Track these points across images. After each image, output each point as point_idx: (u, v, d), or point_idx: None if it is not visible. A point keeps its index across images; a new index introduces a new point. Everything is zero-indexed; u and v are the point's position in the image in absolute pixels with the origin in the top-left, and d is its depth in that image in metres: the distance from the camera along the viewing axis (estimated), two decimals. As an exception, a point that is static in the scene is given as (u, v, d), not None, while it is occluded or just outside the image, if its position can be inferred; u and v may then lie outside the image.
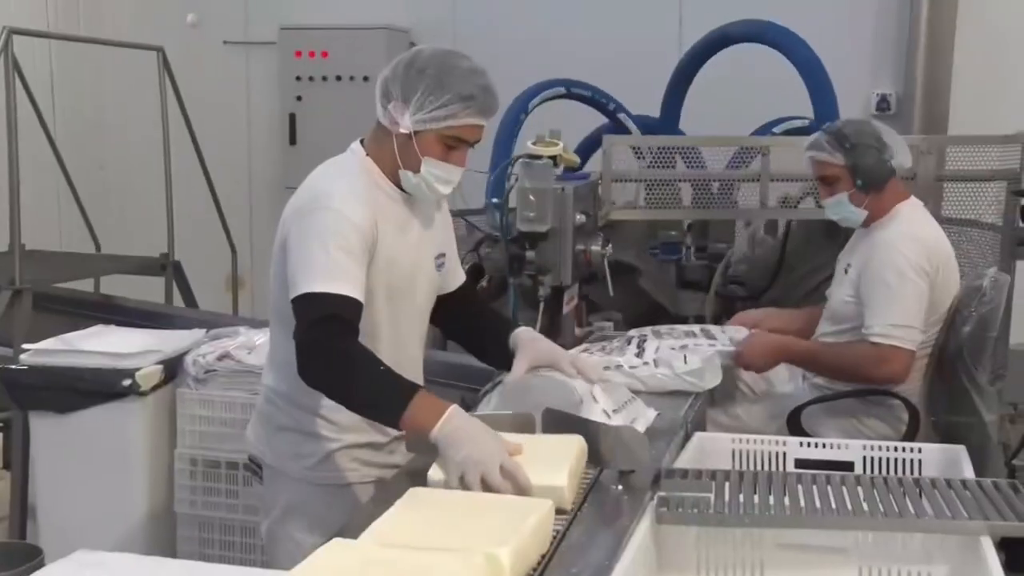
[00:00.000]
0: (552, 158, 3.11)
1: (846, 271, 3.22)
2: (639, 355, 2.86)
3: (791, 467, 2.37)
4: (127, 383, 3.06)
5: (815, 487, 2.02)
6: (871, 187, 3.12)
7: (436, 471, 1.97)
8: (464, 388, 3.04)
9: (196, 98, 6.10)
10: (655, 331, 3.17)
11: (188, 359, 3.20)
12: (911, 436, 3.06)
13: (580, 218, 3.15)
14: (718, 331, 3.26)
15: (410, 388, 2.06)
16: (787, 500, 1.96)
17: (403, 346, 2.31)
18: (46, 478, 3.20)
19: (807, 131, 4.56)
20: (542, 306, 3.08)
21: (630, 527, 1.85)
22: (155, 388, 3.13)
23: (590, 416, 2.18)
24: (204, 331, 3.40)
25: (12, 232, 4.68)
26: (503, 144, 4.35)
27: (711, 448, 2.42)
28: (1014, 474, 3.59)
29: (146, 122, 6.05)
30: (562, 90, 4.74)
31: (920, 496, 1.98)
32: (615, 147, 3.99)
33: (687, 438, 2.43)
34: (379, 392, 2.07)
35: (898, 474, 2.32)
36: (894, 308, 3.01)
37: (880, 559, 1.91)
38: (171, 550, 3.18)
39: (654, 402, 2.54)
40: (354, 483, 2.31)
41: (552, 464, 1.94)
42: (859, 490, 2.00)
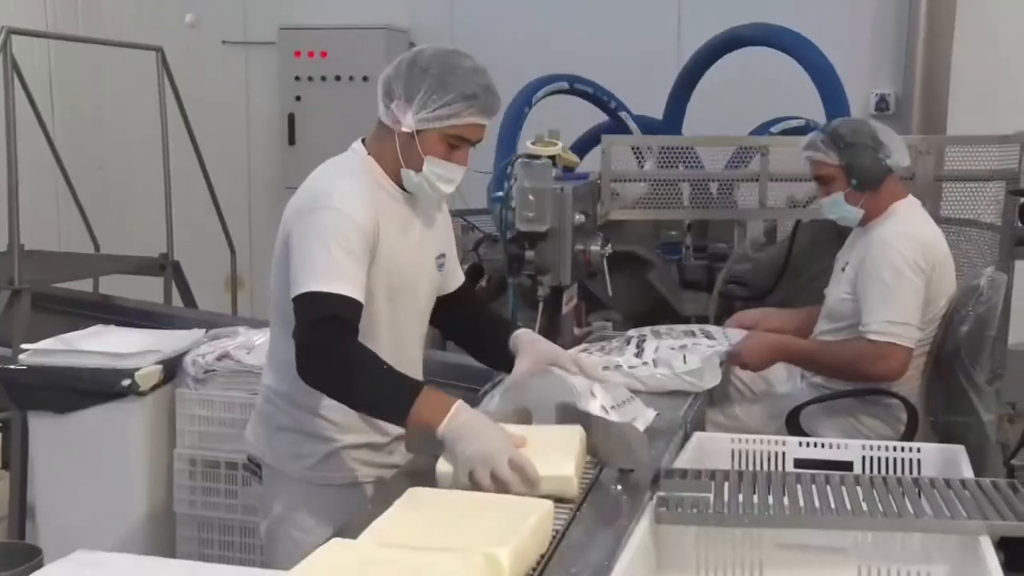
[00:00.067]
0: (551, 158, 3.12)
1: (843, 269, 3.22)
2: (638, 355, 2.86)
3: (790, 467, 2.38)
4: (126, 383, 3.06)
5: (814, 487, 2.02)
6: (866, 186, 3.13)
7: (444, 464, 1.98)
8: (464, 388, 3.03)
9: (195, 98, 6.10)
10: (654, 331, 3.18)
11: (187, 359, 3.20)
12: (909, 436, 3.06)
13: (579, 218, 3.15)
14: (717, 331, 3.27)
15: (415, 385, 2.08)
16: (786, 500, 1.96)
17: (403, 346, 2.31)
18: (45, 478, 3.19)
19: (804, 131, 4.57)
20: (541, 306, 3.08)
21: (629, 527, 1.85)
22: (154, 388, 3.13)
23: (589, 411, 2.18)
24: (203, 331, 3.40)
25: (11, 232, 4.68)
26: (507, 138, 4.35)
27: (710, 448, 2.42)
28: (1013, 474, 3.60)
29: (145, 122, 6.04)
30: (565, 85, 4.73)
31: (919, 496, 1.98)
32: (614, 147, 3.99)
33: (686, 438, 2.44)
34: (384, 390, 2.08)
35: (897, 474, 2.32)
36: (891, 305, 3.01)
37: (879, 559, 1.91)
38: (170, 550, 3.18)
39: (653, 402, 2.54)
40: (354, 483, 2.31)
41: (558, 454, 1.97)
42: (858, 490, 2.00)
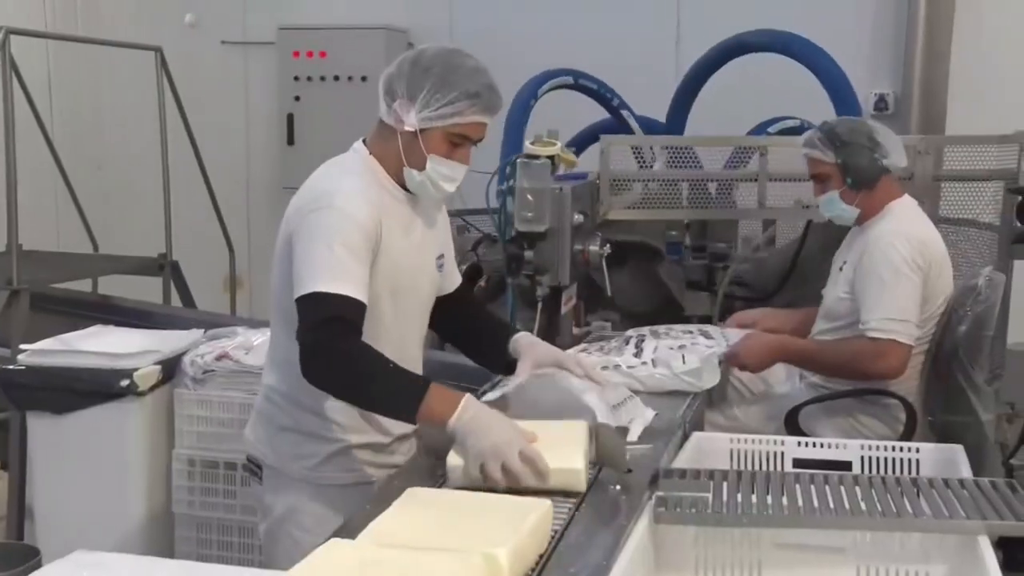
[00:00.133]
0: (550, 158, 3.11)
1: (840, 269, 3.23)
2: (637, 355, 2.86)
3: (789, 467, 2.38)
4: (125, 383, 3.06)
5: (813, 487, 2.02)
6: (861, 185, 3.14)
7: (455, 457, 1.99)
8: (463, 388, 3.03)
9: (194, 98, 6.10)
10: (653, 331, 3.17)
11: (186, 359, 3.20)
12: (908, 435, 3.06)
13: (578, 218, 3.15)
14: (716, 331, 3.27)
15: (423, 382, 2.09)
16: (785, 500, 1.96)
17: (405, 346, 2.31)
18: (44, 478, 3.19)
19: (800, 132, 4.57)
20: (540, 306, 3.08)
21: (628, 527, 1.85)
22: (153, 388, 3.13)
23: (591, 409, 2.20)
24: (202, 331, 3.40)
25: (10, 232, 4.68)
26: (514, 130, 4.34)
27: (709, 448, 2.42)
28: (1011, 473, 3.59)
29: (144, 122, 6.04)
30: (570, 79, 4.73)
31: (918, 496, 1.98)
32: (613, 147, 3.98)
33: (685, 438, 2.43)
34: (392, 388, 2.09)
35: (896, 474, 2.33)
36: (890, 303, 3.02)
37: (878, 559, 1.92)
38: (169, 550, 3.18)
39: (652, 402, 2.54)
40: (355, 483, 2.30)
41: (566, 448, 1.99)
42: (857, 490, 2.00)
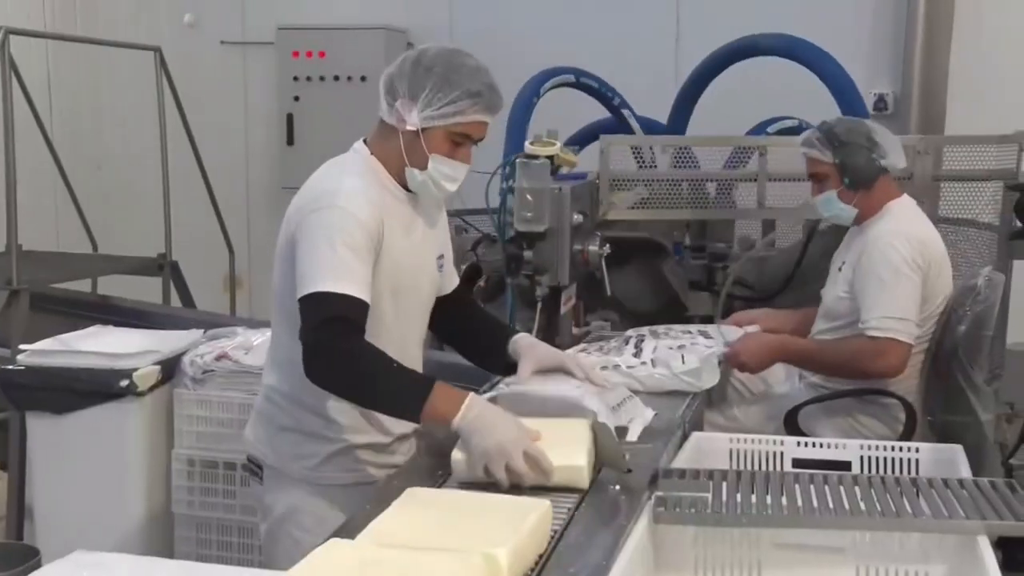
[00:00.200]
0: (549, 158, 3.11)
1: (840, 269, 3.23)
2: (637, 355, 2.86)
3: (788, 467, 2.38)
4: (124, 383, 3.06)
5: (812, 487, 2.02)
6: (859, 185, 3.15)
7: (459, 451, 2.01)
8: (462, 388, 3.03)
9: (193, 98, 6.10)
10: (652, 331, 3.17)
11: (185, 359, 3.20)
12: (908, 435, 3.06)
13: (577, 218, 3.15)
14: (714, 331, 3.26)
15: (427, 381, 2.10)
16: (784, 500, 1.96)
17: (406, 345, 2.31)
18: (43, 479, 3.19)
19: (797, 132, 4.58)
20: (539, 306, 3.08)
21: (628, 527, 1.85)
22: (152, 388, 3.13)
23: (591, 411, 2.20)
24: (201, 331, 3.40)
25: (9, 232, 4.68)
26: (516, 128, 4.33)
27: (708, 448, 2.42)
28: (1011, 473, 3.59)
29: (143, 122, 6.05)
30: (571, 78, 4.72)
31: (917, 496, 1.98)
32: (612, 147, 3.98)
33: (684, 438, 2.43)
34: (396, 387, 2.10)
35: (895, 474, 2.33)
36: (889, 302, 3.02)
37: (877, 559, 1.91)
38: (168, 551, 3.18)
39: (651, 402, 2.54)
40: (356, 483, 2.30)
41: (569, 445, 2.01)
42: (856, 490, 2.00)
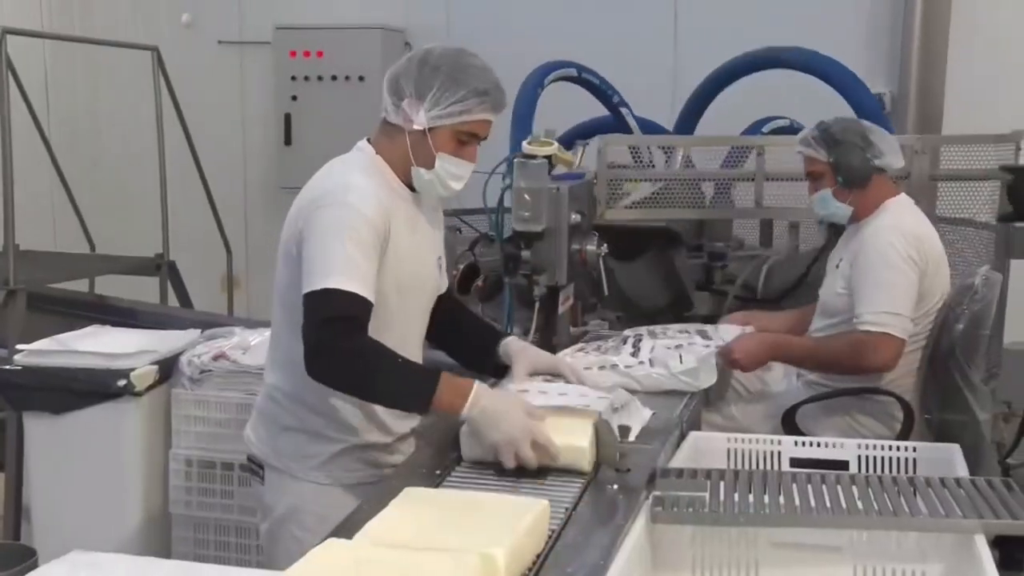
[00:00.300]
0: (547, 158, 3.11)
1: (837, 266, 3.24)
2: (634, 354, 2.86)
3: (786, 466, 2.38)
4: (122, 383, 3.05)
5: (810, 486, 2.02)
6: (853, 184, 3.17)
7: (467, 429, 2.09)
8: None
9: (191, 98, 6.10)
10: (650, 331, 3.17)
11: (183, 359, 3.20)
12: (905, 434, 3.06)
13: (575, 218, 3.15)
14: (712, 330, 3.26)
15: (433, 373, 2.13)
16: (782, 499, 1.97)
17: (407, 344, 2.31)
18: (40, 479, 3.19)
19: (790, 131, 4.62)
20: (537, 305, 3.08)
21: (625, 526, 1.85)
22: (150, 388, 3.13)
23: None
24: (199, 331, 3.40)
25: (6, 232, 4.68)
26: (523, 118, 4.32)
27: (706, 447, 2.43)
28: (1008, 472, 3.60)
29: (141, 122, 6.04)
30: (573, 72, 4.71)
31: (915, 495, 1.98)
32: (610, 146, 3.98)
33: (682, 437, 2.43)
34: (405, 382, 2.13)
35: (893, 473, 2.33)
36: (884, 296, 3.03)
37: (875, 558, 1.92)
38: (166, 551, 3.17)
39: (649, 402, 2.54)
40: (357, 484, 2.31)
41: (573, 428, 2.09)
42: (854, 489, 2.00)
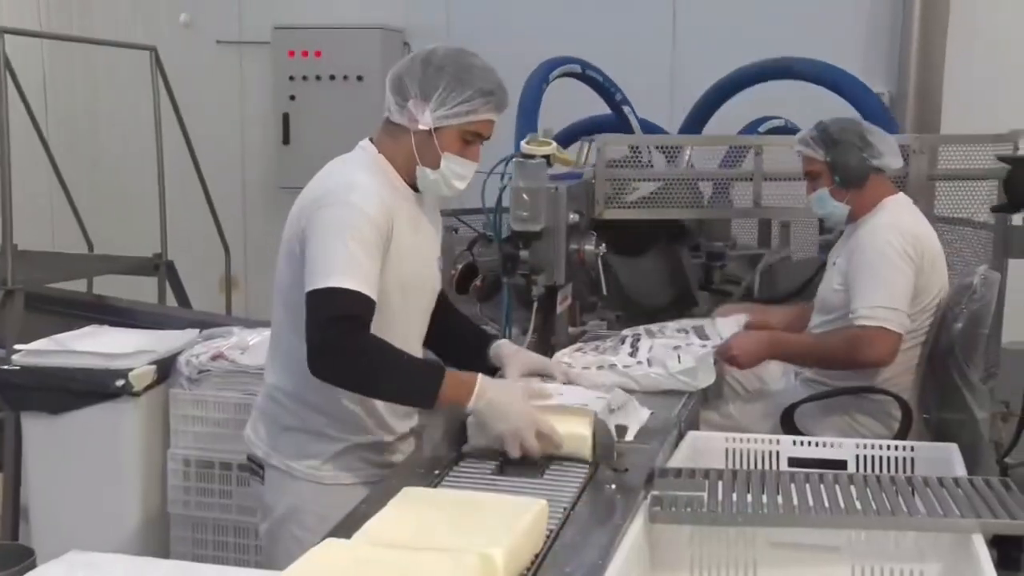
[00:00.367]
0: (545, 157, 3.11)
1: (835, 263, 3.25)
2: (632, 354, 2.86)
3: (784, 466, 2.38)
4: (120, 383, 3.05)
5: (808, 486, 2.03)
6: (850, 184, 3.19)
7: (474, 419, 2.14)
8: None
9: (189, 98, 6.10)
10: (648, 330, 3.17)
11: (181, 359, 3.20)
12: (904, 433, 3.07)
13: (573, 217, 3.16)
14: (710, 327, 3.25)
15: (438, 368, 2.16)
16: (780, 499, 1.97)
17: (407, 344, 2.31)
18: (38, 479, 3.19)
19: (785, 130, 4.62)
20: (535, 305, 3.08)
21: (623, 526, 1.85)
22: (148, 388, 3.13)
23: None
24: (197, 331, 3.40)
25: (4, 232, 4.68)
26: (528, 114, 4.31)
27: (704, 447, 2.43)
28: (1006, 472, 3.59)
29: (139, 122, 6.04)
30: (577, 68, 4.70)
31: (913, 494, 1.98)
32: (609, 146, 3.97)
33: (680, 437, 2.44)
34: (410, 378, 2.16)
35: (891, 472, 2.33)
36: (880, 291, 3.03)
37: (873, 557, 1.92)
38: (164, 551, 3.17)
39: (647, 401, 2.54)
40: (358, 483, 2.31)
41: (575, 418, 2.15)
42: (852, 488, 2.00)
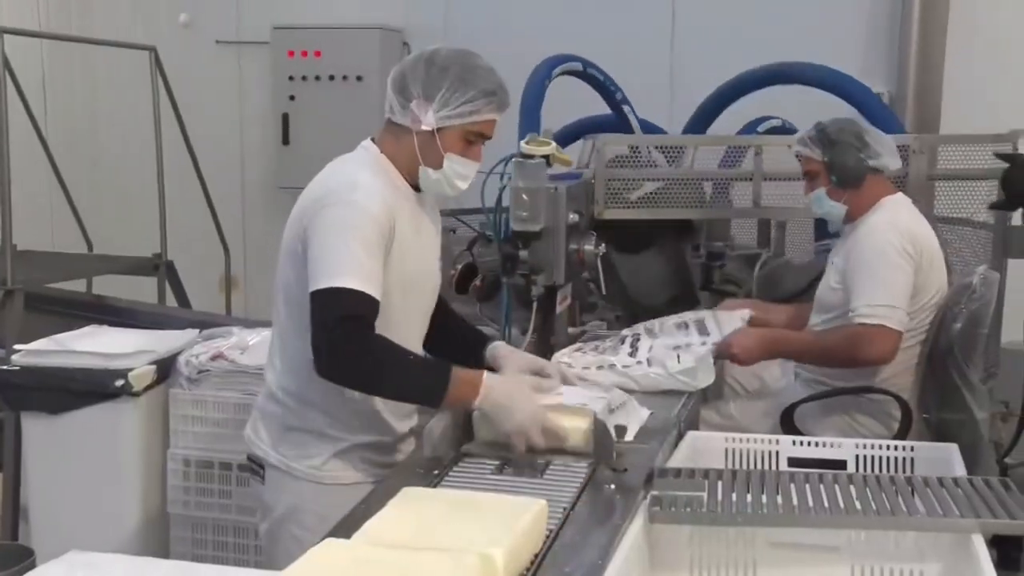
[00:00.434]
0: (545, 157, 3.11)
1: (833, 262, 3.25)
2: (632, 354, 2.86)
3: (784, 466, 2.38)
4: (119, 383, 3.05)
5: (808, 486, 2.03)
6: (847, 184, 3.19)
7: (479, 415, 2.18)
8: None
9: (189, 98, 6.10)
10: (648, 329, 3.17)
11: (181, 359, 3.19)
12: (903, 433, 3.07)
13: (573, 217, 3.16)
14: (712, 324, 3.24)
15: (444, 367, 2.17)
16: (780, 499, 1.97)
17: (410, 343, 2.32)
18: (38, 479, 3.19)
19: (782, 131, 4.62)
20: (535, 305, 3.08)
21: (623, 526, 1.85)
22: (148, 388, 3.13)
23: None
24: (197, 331, 3.40)
25: (4, 232, 4.68)
26: (530, 111, 4.30)
27: (704, 447, 2.43)
28: (1005, 472, 3.59)
29: (138, 122, 6.04)
30: (579, 66, 4.70)
31: (912, 494, 1.98)
32: (608, 146, 3.97)
33: (680, 437, 2.44)
34: (417, 377, 2.18)
35: (890, 472, 2.33)
36: (879, 289, 3.04)
37: (873, 557, 1.92)
38: (164, 551, 3.17)
39: (647, 401, 2.54)
40: (360, 483, 2.31)
41: (577, 412, 2.19)
42: (852, 488, 2.00)
